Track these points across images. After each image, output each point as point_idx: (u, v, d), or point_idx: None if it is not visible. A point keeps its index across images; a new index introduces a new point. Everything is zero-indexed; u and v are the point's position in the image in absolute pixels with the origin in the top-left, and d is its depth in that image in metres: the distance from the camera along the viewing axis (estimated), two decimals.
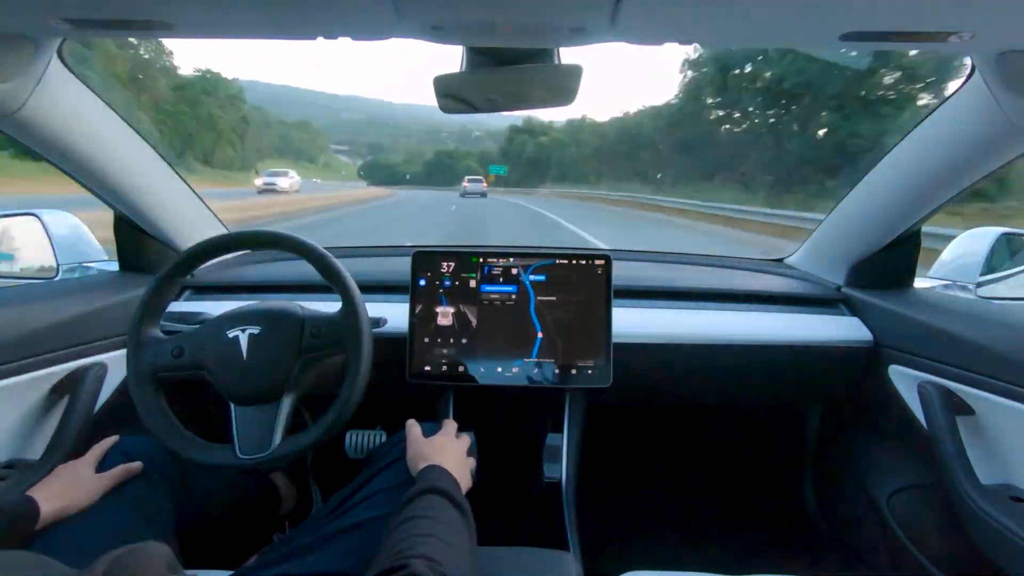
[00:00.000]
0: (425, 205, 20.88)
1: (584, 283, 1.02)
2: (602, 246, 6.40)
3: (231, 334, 0.83)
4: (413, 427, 0.81)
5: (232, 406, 0.83)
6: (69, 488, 0.71)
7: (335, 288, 0.86)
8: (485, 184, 25.31)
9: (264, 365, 0.82)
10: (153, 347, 0.83)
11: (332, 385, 0.85)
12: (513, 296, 1.02)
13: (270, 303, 0.89)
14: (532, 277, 1.03)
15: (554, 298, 1.02)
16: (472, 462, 0.81)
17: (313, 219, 12.72)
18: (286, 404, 0.83)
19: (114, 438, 0.82)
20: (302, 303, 0.91)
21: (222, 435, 0.83)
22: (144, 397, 0.81)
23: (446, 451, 0.76)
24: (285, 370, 0.83)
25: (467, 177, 25.82)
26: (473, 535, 0.64)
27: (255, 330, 0.83)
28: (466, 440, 0.83)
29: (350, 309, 0.84)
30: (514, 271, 1.03)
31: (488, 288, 1.03)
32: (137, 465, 0.77)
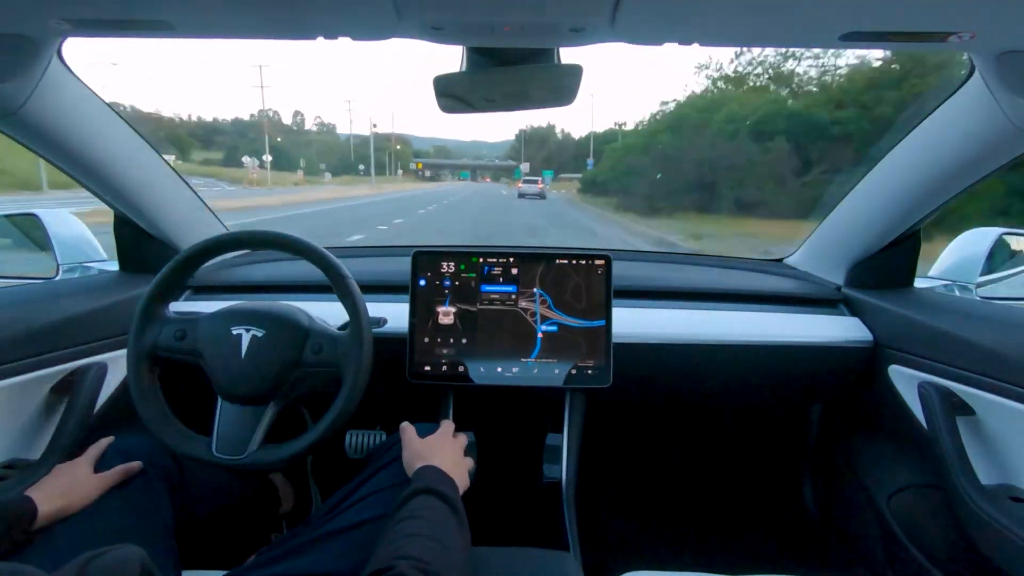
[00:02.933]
0: None
1: (584, 283, 1.02)
2: None
3: (235, 331, 0.83)
4: (407, 430, 0.81)
5: (219, 400, 0.84)
6: (67, 488, 0.71)
7: (338, 293, 0.86)
8: (540, 185, 26.91)
9: (259, 368, 0.82)
10: (158, 324, 0.84)
11: (320, 400, 0.85)
12: (513, 295, 1.02)
13: (279, 307, 0.88)
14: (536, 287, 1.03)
15: (554, 298, 1.02)
16: (470, 462, 0.81)
17: None
18: (270, 411, 0.83)
19: (111, 438, 0.82)
20: (310, 308, 0.91)
21: (204, 429, 0.84)
22: (138, 373, 0.82)
23: (442, 451, 0.76)
24: (278, 378, 0.83)
25: (523, 178, 28.01)
26: (467, 535, 0.64)
27: (259, 332, 0.83)
28: (463, 440, 0.83)
29: (355, 331, 0.84)
30: (518, 280, 1.03)
31: (488, 288, 1.03)
32: (136, 465, 0.77)
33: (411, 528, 0.58)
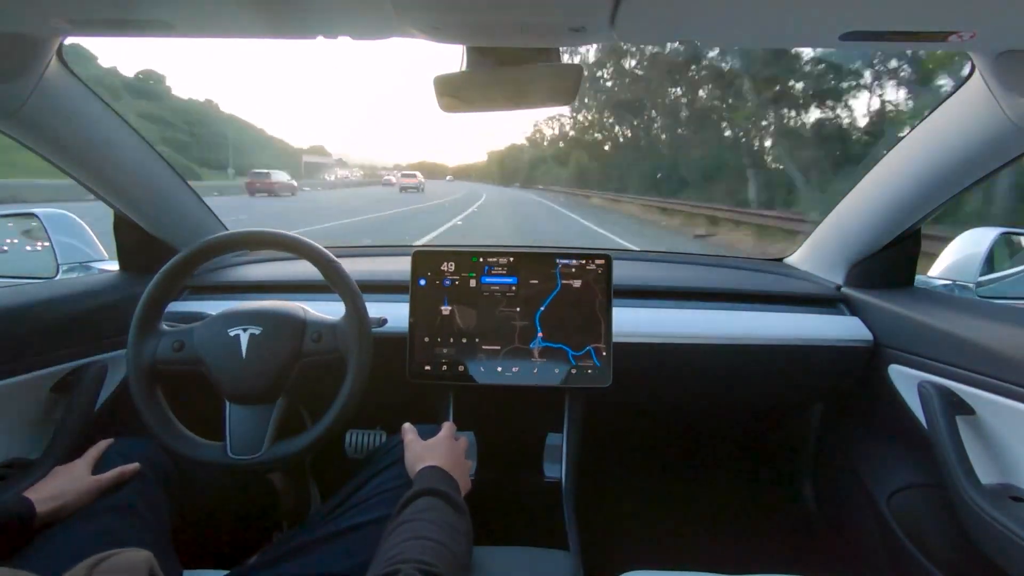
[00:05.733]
0: None
1: (584, 283, 1.02)
2: None
3: (232, 332, 0.83)
4: (408, 431, 0.81)
5: (227, 404, 0.83)
6: (65, 489, 0.71)
7: (336, 289, 0.85)
8: (417, 180, 30.21)
9: (262, 366, 0.82)
10: (155, 339, 0.84)
11: (328, 391, 0.85)
12: (513, 295, 1.02)
13: (274, 304, 0.89)
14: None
15: (555, 298, 1.02)
16: (470, 464, 0.81)
17: None
18: (279, 406, 0.83)
19: (111, 440, 0.82)
20: (306, 305, 0.91)
21: (215, 434, 0.84)
22: (142, 389, 0.82)
23: (444, 452, 0.76)
24: (282, 372, 0.83)
25: (402, 172, 31.05)
26: (470, 536, 0.64)
27: (256, 330, 0.83)
28: (464, 442, 0.83)
29: (353, 316, 0.84)
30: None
31: (488, 288, 1.03)
32: (134, 467, 0.77)
33: (414, 530, 0.58)
